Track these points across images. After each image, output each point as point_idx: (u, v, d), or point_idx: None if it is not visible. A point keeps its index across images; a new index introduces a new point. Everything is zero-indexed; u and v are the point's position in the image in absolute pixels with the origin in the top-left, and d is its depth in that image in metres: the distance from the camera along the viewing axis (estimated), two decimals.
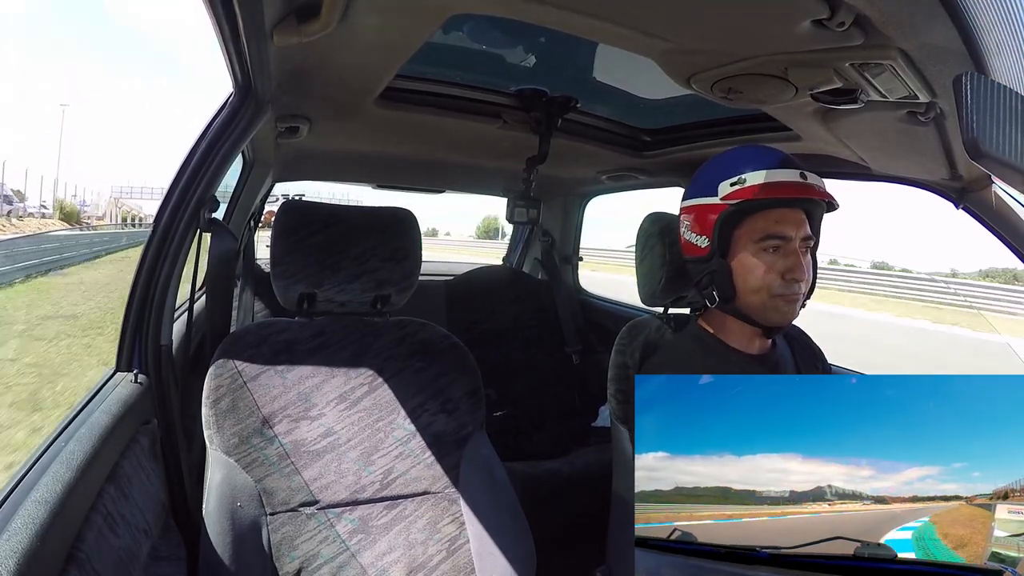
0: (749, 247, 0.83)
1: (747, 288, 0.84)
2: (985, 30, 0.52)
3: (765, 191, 0.80)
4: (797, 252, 0.82)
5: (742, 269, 0.84)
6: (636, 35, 0.72)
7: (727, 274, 0.85)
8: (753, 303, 0.84)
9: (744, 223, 0.83)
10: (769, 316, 0.84)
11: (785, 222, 0.82)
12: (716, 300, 0.87)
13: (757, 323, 0.86)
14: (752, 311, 0.85)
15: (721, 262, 0.85)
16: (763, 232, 0.82)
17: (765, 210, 0.82)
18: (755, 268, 0.83)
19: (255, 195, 1.82)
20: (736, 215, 0.83)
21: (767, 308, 0.83)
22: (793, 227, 0.82)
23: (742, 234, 0.83)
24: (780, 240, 0.82)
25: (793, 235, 0.82)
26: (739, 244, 0.84)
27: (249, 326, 0.95)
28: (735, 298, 0.85)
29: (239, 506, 0.84)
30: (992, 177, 0.89)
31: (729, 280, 0.85)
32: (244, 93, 0.89)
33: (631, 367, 0.96)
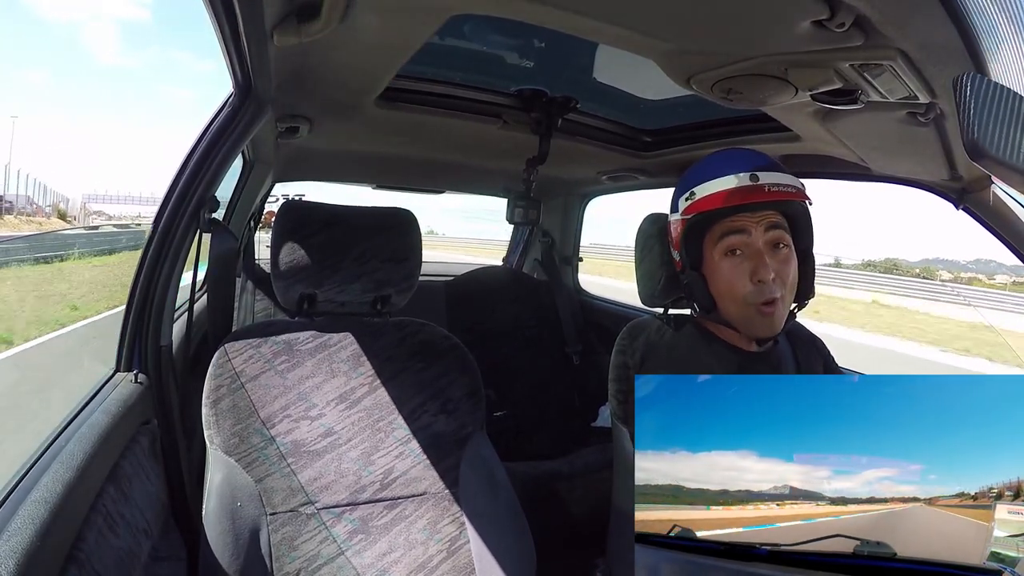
0: (715, 254, 0.83)
1: (721, 296, 0.84)
2: (985, 30, 0.52)
3: (713, 201, 0.80)
4: (761, 252, 0.80)
5: (712, 277, 0.84)
6: (636, 36, 0.72)
7: (702, 285, 0.85)
8: (731, 313, 0.84)
9: (707, 232, 0.84)
10: (749, 328, 0.83)
11: (742, 220, 0.81)
12: (696, 310, 0.89)
13: (742, 332, 0.86)
14: (734, 321, 0.85)
15: (693, 274, 0.86)
16: (722, 232, 0.82)
17: (722, 218, 0.82)
18: (721, 273, 0.83)
19: (255, 195, 1.82)
20: (695, 228, 0.84)
21: (745, 319, 0.83)
22: (753, 224, 0.81)
23: (707, 243, 0.84)
24: (739, 237, 0.81)
25: (753, 231, 0.81)
26: (707, 253, 0.85)
27: (249, 326, 0.95)
28: (716, 307, 0.86)
29: (239, 506, 0.84)
30: (992, 177, 0.90)
31: (704, 290, 0.85)
32: (244, 93, 0.89)
33: (631, 367, 0.96)
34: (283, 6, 0.71)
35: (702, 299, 0.86)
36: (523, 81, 1.22)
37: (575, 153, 1.52)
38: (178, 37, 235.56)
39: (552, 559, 1.03)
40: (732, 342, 0.90)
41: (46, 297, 4.71)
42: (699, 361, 0.89)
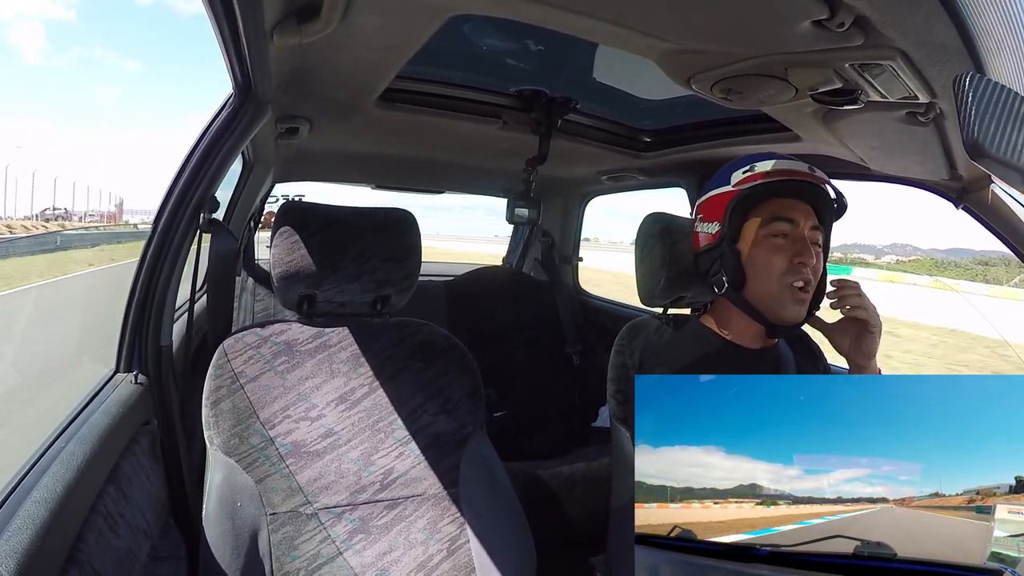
0: (758, 232, 0.85)
1: (756, 274, 0.85)
2: (985, 30, 0.52)
3: (775, 174, 0.83)
4: (805, 239, 0.84)
5: (751, 254, 0.86)
6: (636, 35, 0.72)
7: (736, 259, 0.86)
8: (762, 292, 0.85)
9: (754, 210, 0.86)
10: (777, 310, 0.85)
11: (793, 209, 0.84)
12: (725, 286, 0.88)
13: (764, 318, 0.86)
14: (760, 302, 0.85)
15: (731, 247, 0.87)
16: (771, 215, 0.84)
17: (774, 197, 0.84)
18: (763, 252, 0.84)
19: (255, 196, 1.82)
20: (747, 200, 0.85)
21: (775, 299, 0.84)
22: (801, 215, 0.84)
23: (752, 219, 0.86)
24: (787, 224, 0.84)
25: (801, 222, 0.84)
26: (749, 230, 0.86)
27: (249, 327, 0.95)
28: (744, 286, 0.86)
29: (239, 506, 0.84)
30: (992, 177, 0.90)
31: (739, 265, 0.86)
32: (244, 94, 0.89)
33: (631, 367, 0.96)
34: (283, 6, 0.70)
35: (734, 274, 0.87)
36: (523, 81, 1.22)
37: (575, 153, 1.52)
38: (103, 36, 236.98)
39: (552, 559, 1.03)
40: (733, 341, 0.90)
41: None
42: (698, 360, 0.89)
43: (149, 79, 25.64)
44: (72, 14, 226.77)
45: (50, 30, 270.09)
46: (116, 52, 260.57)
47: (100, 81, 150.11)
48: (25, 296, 4.17)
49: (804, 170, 0.84)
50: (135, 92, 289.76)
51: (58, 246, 7.94)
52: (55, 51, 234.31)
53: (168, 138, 41.66)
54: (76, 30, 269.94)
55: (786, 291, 0.84)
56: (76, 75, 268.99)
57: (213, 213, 0.95)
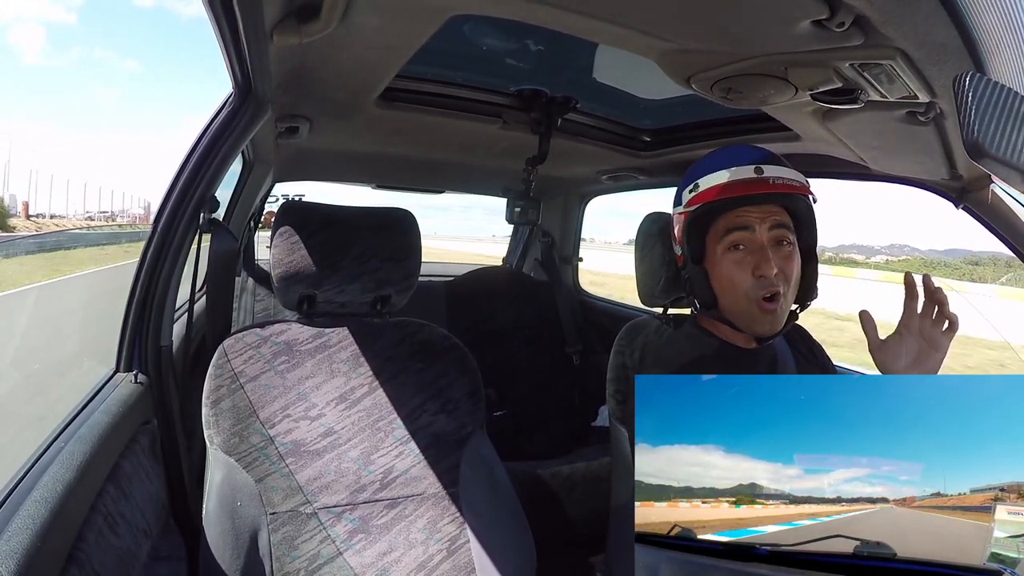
0: (717, 248, 0.83)
1: (722, 291, 0.83)
2: (985, 30, 0.52)
3: (717, 192, 0.80)
4: (764, 248, 0.80)
5: (715, 272, 0.84)
6: (636, 35, 0.71)
7: (703, 279, 0.85)
8: (733, 309, 0.83)
9: (711, 227, 0.83)
10: (751, 325, 0.83)
11: (746, 216, 0.81)
12: (696, 306, 0.88)
13: (742, 330, 0.85)
14: (735, 318, 0.84)
15: (695, 268, 0.85)
16: (724, 229, 0.82)
17: (725, 211, 0.81)
18: (723, 268, 0.82)
19: (255, 195, 1.82)
20: (699, 220, 0.83)
21: (747, 316, 0.82)
22: (757, 220, 0.80)
23: (711, 237, 0.84)
24: (743, 233, 0.81)
25: (757, 228, 0.80)
26: (710, 248, 0.84)
27: (249, 326, 0.95)
28: (716, 303, 0.85)
29: (239, 506, 0.84)
30: (992, 176, 0.90)
31: (706, 285, 0.85)
32: (244, 93, 0.89)
33: (630, 367, 0.96)
34: (283, 6, 0.70)
35: (703, 294, 0.85)
36: (523, 81, 1.22)
37: (575, 153, 1.52)
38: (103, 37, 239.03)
39: (552, 559, 1.03)
40: (730, 340, 0.90)
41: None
42: (697, 360, 0.89)
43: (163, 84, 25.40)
44: (73, 16, 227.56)
45: (51, 31, 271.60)
46: (115, 52, 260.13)
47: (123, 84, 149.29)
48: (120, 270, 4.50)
49: (748, 177, 0.79)
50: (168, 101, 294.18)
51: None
52: (54, 51, 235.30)
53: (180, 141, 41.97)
54: (76, 31, 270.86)
55: (753, 306, 0.81)
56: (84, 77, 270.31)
57: (213, 213, 0.95)
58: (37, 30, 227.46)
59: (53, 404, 1.05)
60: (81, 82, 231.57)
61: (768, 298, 0.80)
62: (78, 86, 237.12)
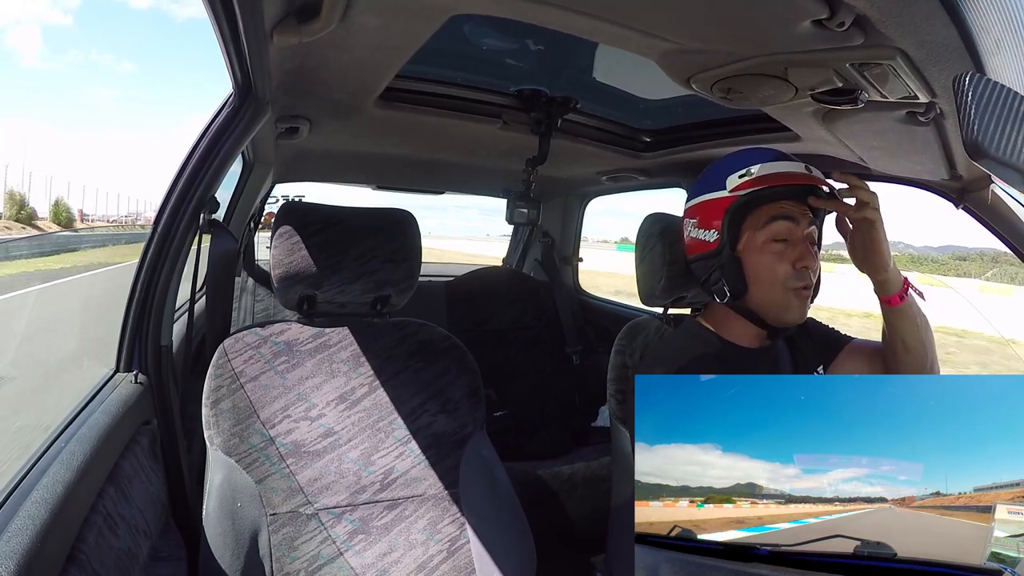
0: (758, 237, 0.84)
1: (759, 280, 0.84)
2: (985, 29, 0.52)
3: (774, 180, 0.82)
4: (805, 242, 0.83)
5: (752, 261, 0.84)
6: (636, 35, 0.71)
7: (738, 267, 0.85)
8: (765, 298, 0.84)
9: (752, 214, 0.84)
10: (781, 314, 0.84)
11: (793, 212, 0.83)
12: (727, 295, 0.86)
13: (765, 322, 0.86)
14: (763, 307, 0.85)
15: (731, 255, 0.85)
16: (771, 221, 0.83)
17: (772, 201, 0.83)
18: (765, 258, 0.83)
19: (255, 196, 1.82)
20: (745, 206, 0.84)
21: (780, 304, 0.84)
22: (800, 216, 0.84)
23: (750, 225, 0.84)
24: (788, 223, 0.83)
25: (801, 224, 0.83)
26: (748, 236, 0.84)
27: (249, 327, 0.95)
28: (746, 292, 0.85)
29: (239, 507, 0.84)
30: (992, 177, 0.90)
31: (740, 273, 0.85)
32: (244, 93, 0.89)
33: (630, 367, 0.96)
34: (283, 6, 0.70)
35: (736, 282, 0.85)
36: (523, 81, 1.22)
37: (575, 153, 1.52)
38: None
39: (552, 559, 1.03)
40: (732, 340, 0.90)
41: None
42: (697, 360, 0.89)
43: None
44: (69, 19, 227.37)
45: (48, 33, 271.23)
46: (112, 54, 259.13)
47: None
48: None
49: (802, 171, 0.83)
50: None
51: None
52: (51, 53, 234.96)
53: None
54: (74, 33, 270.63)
55: (790, 295, 0.83)
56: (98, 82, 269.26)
57: (213, 213, 0.95)
58: (34, 32, 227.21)
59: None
60: (76, 83, 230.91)
61: (803, 288, 0.83)
62: (74, 88, 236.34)
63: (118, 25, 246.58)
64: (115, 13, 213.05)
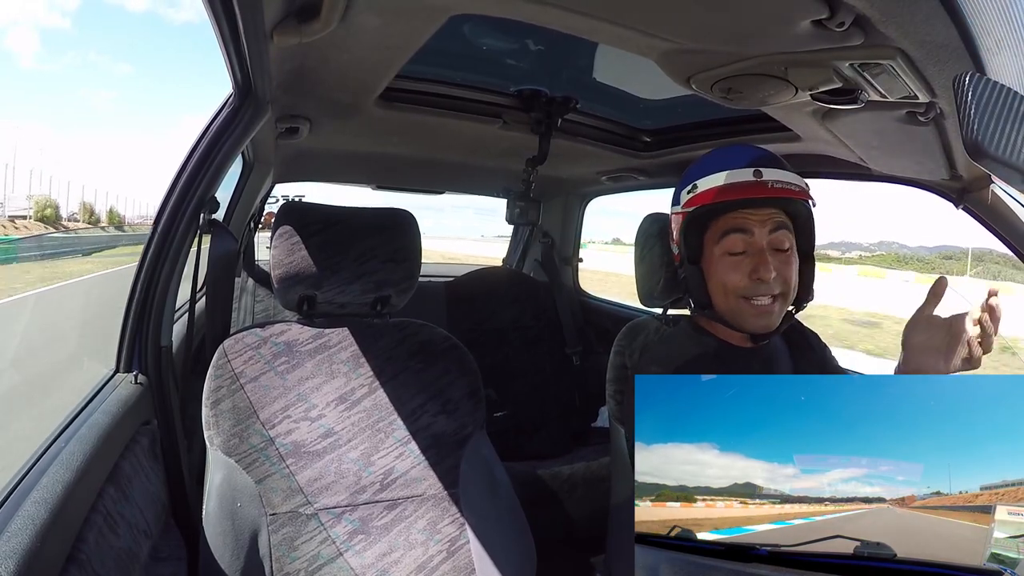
0: (715, 249, 0.83)
1: (717, 291, 0.84)
2: (985, 29, 0.52)
3: (715, 195, 0.80)
4: (763, 251, 0.80)
5: (711, 272, 0.84)
6: (636, 35, 0.71)
7: (699, 279, 0.85)
8: (725, 307, 0.84)
9: (708, 227, 0.83)
10: (741, 323, 0.83)
11: (746, 220, 0.81)
12: (691, 305, 0.88)
13: (737, 329, 0.86)
14: (728, 316, 0.84)
15: (691, 268, 0.85)
16: (724, 231, 0.81)
17: (723, 213, 0.81)
18: (720, 270, 0.82)
19: (255, 196, 1.82)
20: (696, 221, 0.83)
21: (738, 313, 0.83)
22: (756, 223, 0.80)
23: (709, 238, 0.84)
24: (741, 235, 0.81)
25: (757, 231, 0.80)
26: (707, 248, 0.84)
27: (249, 327, 0.95)
28: (711, 303, 0.85)
29: (239, 507, 0.84)
30: (992, 176, 0.89)
31: (701, 285, 0.85)
32: (244, 93, 0.89)
33: (630, 368, 0.96)
34: (283, 6, 0.70)
35: (698, 295, 0.86)
36: (523, 81, 1.22)
37: (575, 153, 1.52)
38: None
39: (552, 559, 1.03)
40: (727, 340, 0.90)
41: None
42: (696, 359, 0.89)
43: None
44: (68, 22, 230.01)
45: (46, 35, 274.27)
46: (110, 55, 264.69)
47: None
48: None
49: (748, 180, 0.78)
50: None
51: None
52: (48, 55, 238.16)
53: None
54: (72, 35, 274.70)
55: (745, 307, 0.81)
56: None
57: (213, 213, 0.95)
58: (32, 34, 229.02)
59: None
60: (74, 85, 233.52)
61: (762, 304, 0.81)
62: (71, 89, 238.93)
63: (115, 27, 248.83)
64: (112, 15, 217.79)
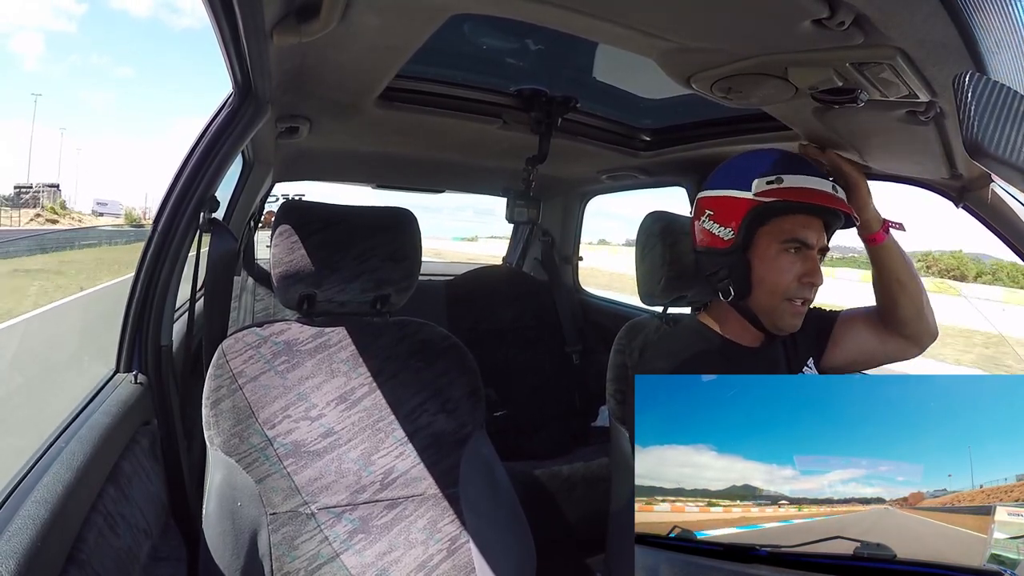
0: (772, 246, 0.84)
1: (763, 286, 0.84)
2: (985, 29, 0.52)
3: (801, 195, 0.82)
4: (815, 258, 0.84)
5: (761, 266, 0.84)
6: (636, 35, 0.71)
7: (746, 269, 0.85)
8: (765, 304, 0.85)
9: (771, 222, 0.84)
10: (776, 321, 0.85)
11: (809, 228, 0.84)
12: (731, 294, 0.86)
13: (762, 325, 0.86)
14: (761, 311, 0.85)
15: (742, 256, 0.85)
16: (788, 234, 0.83)
17: (793, 213, 0.83)
18: (774, 267, 0.84)
19: (255, 195, 1.82)
20: (766, 213, 0.83)
21: (776, 311, 0.84)
22: (815, 234, 0.84)
23: (767, 232, 0.84)
24: (802, 244, 0.84)
25: (814, 242, 0.84)
26: (762, 242, 0.84)
27: (249, 326, 0.95)
28: (749, 295, 0.86)
29: (239, 506, 0.84)
30: (992, 176, 0.89)
31: (747, 275, 0.85)
32: (244, 93, 0.89)
33: (630, 367, 0.96)
34: (283, 6, 0.70)
35: (741, 283, 0.85)
36: (523, 81, 1.22)
37: (575, 152, 1.52)
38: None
39: (552, 559, 1.03)
40: (733, 338, 0.90)
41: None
42: (697, 358, 0.89)
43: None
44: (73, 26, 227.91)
45: (50, 38, 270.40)
46: (107, 58, 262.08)
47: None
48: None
49: (828, 191, 0.83)
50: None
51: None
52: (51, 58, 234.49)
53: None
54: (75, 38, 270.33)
55: (787, 306, 0.84)
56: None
57: (213, 213, 0.95)
58: (36, 38, 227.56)
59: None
60: (73, 87, 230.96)
61: (803, 302, 0.84)
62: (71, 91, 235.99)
63: (118, 31, 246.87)
64: (115, 21, 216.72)
